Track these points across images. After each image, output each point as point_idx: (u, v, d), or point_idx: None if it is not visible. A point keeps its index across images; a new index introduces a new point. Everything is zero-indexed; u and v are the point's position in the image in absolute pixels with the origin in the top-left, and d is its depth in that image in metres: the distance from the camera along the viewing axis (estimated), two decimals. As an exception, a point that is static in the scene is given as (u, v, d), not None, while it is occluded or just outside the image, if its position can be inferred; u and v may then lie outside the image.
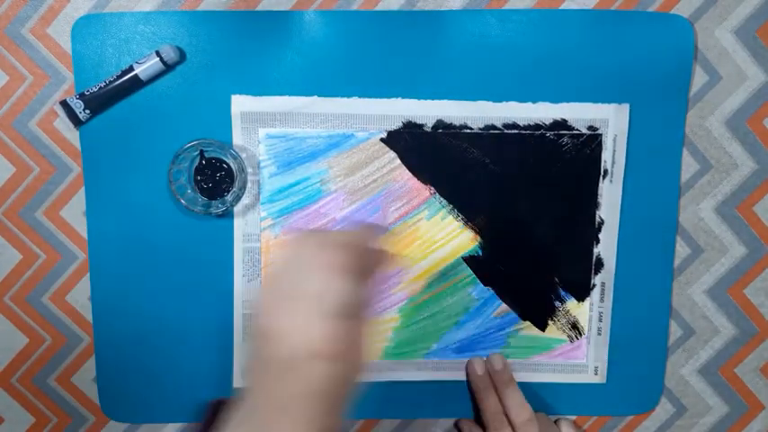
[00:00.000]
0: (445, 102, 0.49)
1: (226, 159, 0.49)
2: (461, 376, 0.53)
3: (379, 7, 0.49)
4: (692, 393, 0.55)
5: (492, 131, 0.50)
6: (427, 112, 0.50)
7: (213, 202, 0.49)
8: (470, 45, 0.49)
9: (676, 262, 0.53)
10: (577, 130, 0.50)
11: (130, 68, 0.47)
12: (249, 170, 0.49)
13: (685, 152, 0.51)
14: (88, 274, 0.51)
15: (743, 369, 0.55)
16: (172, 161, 0.47)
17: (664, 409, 0.55)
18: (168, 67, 0.48)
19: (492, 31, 0.49)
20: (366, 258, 0.36)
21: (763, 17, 0.50)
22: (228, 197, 0.49)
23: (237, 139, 0.49)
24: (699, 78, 0.50)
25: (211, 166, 0.49)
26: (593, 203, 0.51)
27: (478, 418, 0.53)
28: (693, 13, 0.49)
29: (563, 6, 0.49)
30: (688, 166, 0.52)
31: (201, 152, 0.48)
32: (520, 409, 0.50)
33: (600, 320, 0.53)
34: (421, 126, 0.50)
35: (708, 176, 0.52)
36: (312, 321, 0.33)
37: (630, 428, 0.55)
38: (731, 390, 0.55)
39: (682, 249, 0.53)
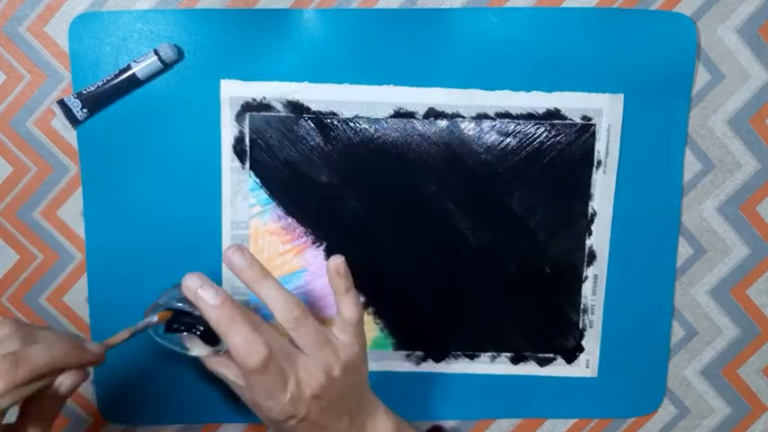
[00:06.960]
0: (437, 89, 0.49)
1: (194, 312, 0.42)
2: (460, 369, 0.53)
3: (379, 5, 0.49)
4: (695, 395, 0.55)
5: (484, 120, 0.49)
6: (418, 99, 0.49)
7: (188, 345, 0.44)
8: (470, 44, 0.48)
9: (679, 262, 0.53)
10: (571, 119, 0.50)
11: (128, 67, 0.47)
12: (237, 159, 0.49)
13: (688, 151, 0.51)
14: (86, 275, 0.51)
15: (746, 370, 0.55)
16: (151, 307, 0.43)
17: (666, 411, 0.55)
18: (166, 66, 0.47)
19: (492, 29, 0.48)
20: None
21: (766, 15, 0.49)
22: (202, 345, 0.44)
23: (226, 123, 0.49)
24: (701, 77, 0.50)
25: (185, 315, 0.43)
26: (586, 194, 0.51)
27: None
28: (696, 12, 0.49)
29: (564, 5, 0.49)
30: (690, 165, 0.51)
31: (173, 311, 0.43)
32: (285, 310, 0.40)
33: (592, 313, 0.52)
34: (412, 114, 0.49)
35: (710, 176, 0.51)
36: None
37: (633, 430, 0.55)
38: (734, 391, 0.55)
39: (684, 249, 0.52)
